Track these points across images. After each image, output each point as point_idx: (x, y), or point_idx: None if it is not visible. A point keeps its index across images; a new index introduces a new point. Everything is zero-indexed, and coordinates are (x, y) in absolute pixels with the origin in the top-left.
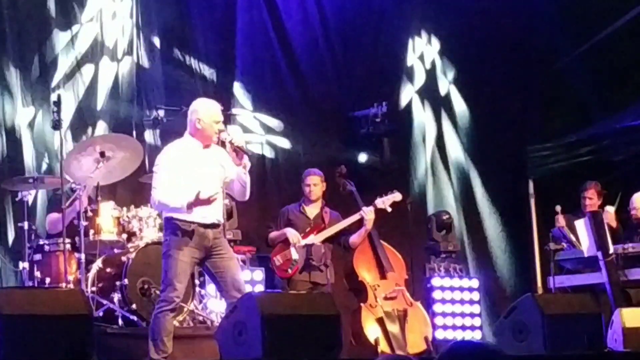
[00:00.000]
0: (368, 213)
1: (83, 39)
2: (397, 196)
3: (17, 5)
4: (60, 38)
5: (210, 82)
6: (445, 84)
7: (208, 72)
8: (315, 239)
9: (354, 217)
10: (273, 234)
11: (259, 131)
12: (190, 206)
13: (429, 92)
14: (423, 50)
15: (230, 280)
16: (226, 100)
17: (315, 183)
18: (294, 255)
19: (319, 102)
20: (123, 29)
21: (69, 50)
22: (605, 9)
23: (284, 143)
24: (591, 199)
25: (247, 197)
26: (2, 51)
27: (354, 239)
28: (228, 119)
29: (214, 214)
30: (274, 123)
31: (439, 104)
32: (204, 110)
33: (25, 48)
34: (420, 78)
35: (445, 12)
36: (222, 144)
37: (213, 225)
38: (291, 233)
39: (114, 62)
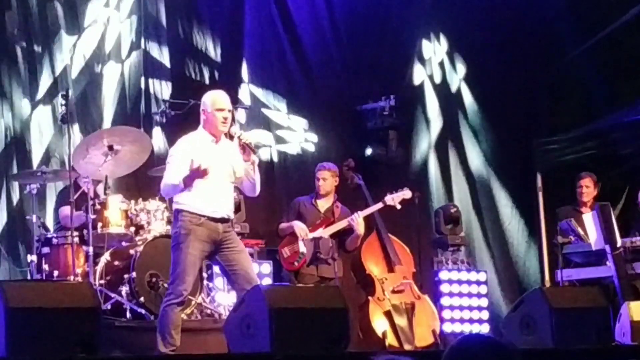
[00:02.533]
0: (356, 219)
1: (89, 39)
2: (406, 194)
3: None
4: (67, 41)
5: (217, 76)
6: (455, 79)
7: (216, 65)
8: (324, 232)
9: (343, 223)
10: (282, 225)
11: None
12: (187, 181)
13: (439, 87)
14: (432, 47)
15: (243, 272)
16: (234, 94)
17: (324, 177)
18: (302, 248)
19: (327, 95)
20: (130, 23)
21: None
22: (613, 3)
23: (293, 136)
24: (588, 187)
25: (256, 193)
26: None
27: (348, 243)
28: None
29: (224, 208)
30: (284, 116)
31: (448, 98)
32: (208, 100)
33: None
34: (430, 72)
35: (453, 5)
36: (232, 138)
37: (223, 220)
38: (299, 227)
39: (119, 62)
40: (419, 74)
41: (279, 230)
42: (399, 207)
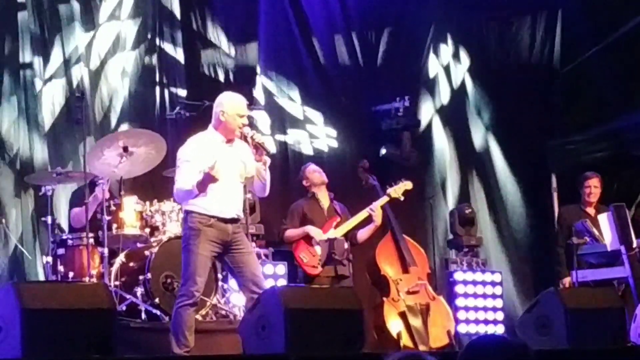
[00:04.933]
0: (376, 210)
1: (104, 37)
2: (407, 184)
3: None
4: (82, 36)
5: (232, 76)
6: (467, 79)
7: (230, 65)
8: (336, 233)
9: (363, 214)
10: (291, 232)
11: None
12: (200, 187)
13: (451, 86)
14: (443, 50)
15: (250, 275)
16: (248, 95)
17: (317, 171)
18: (319, 251)
19: (342, 96)
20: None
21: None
22: (628, 3)
23: (307, 136)
24: (596, 187)
25: (266, 194)
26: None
27: (361, 234)
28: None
29: (234, 208)
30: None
31: (461, 98)
32: (229, 103)
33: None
34: (440, 72)
35: (465, 7)
36: (245, 138)
37: (232, 220)
38: (313, 231)
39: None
40: (432, 74)
41: (286, 238)
42: (402, 198)
